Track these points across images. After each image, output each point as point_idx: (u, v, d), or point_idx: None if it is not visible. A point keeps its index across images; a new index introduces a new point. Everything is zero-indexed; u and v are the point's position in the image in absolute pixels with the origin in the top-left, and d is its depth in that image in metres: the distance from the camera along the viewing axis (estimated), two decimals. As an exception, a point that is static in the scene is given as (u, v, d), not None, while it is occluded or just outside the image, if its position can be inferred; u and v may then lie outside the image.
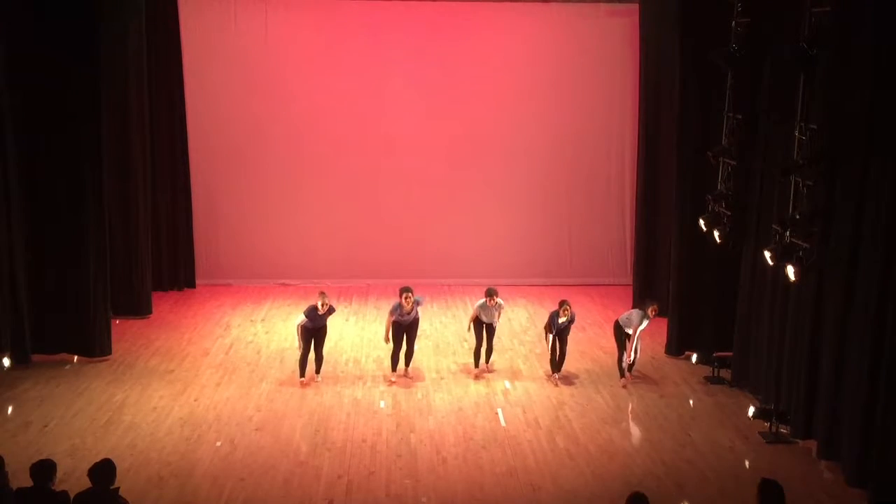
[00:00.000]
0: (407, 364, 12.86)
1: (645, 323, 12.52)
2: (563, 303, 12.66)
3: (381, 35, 17.41)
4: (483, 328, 12.91)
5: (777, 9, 11.36)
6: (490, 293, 12.72)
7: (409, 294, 12.34)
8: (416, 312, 12.62)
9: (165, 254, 17.13)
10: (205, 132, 17.37)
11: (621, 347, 12.78)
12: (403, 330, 12.60)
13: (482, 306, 12.78)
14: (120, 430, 10.86)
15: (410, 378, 12.80)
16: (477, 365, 13.02)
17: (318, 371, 12.67)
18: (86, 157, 12.75)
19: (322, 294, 12.51)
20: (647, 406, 11.84)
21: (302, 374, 12.45)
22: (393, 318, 12.51)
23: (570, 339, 13.65)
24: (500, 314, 13.12)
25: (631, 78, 17.07)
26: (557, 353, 12.74)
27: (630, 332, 12.58)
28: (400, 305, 12.38)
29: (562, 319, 12.51)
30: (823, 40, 9.91)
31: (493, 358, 13.22)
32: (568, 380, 12.79)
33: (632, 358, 12.68)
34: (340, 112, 17.54)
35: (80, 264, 12.90)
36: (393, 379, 12.67)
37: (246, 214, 17.00)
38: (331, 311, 12.53)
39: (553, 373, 12.81)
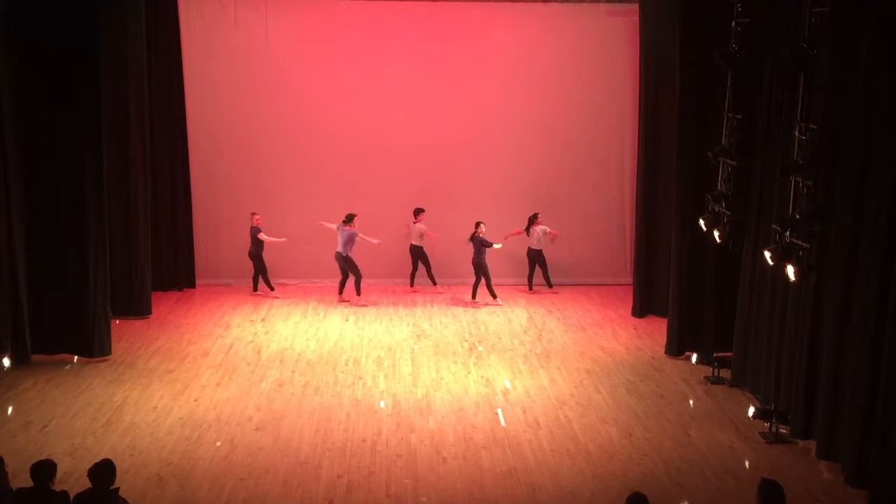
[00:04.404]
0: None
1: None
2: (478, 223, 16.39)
3: (381, 35, 17.42)
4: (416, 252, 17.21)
5: (777, 9, 11.36)
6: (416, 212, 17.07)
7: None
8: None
9: (165, 254, 17.15)
10: (205, 132, 17.39)
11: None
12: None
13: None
14: (120, 430, 10.86)
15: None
16: (412, 284, 17.54)
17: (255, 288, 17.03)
18: (86, 157, 12.74)
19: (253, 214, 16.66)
20: (647, 406, 11.84)
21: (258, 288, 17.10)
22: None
23: (570, 339, 14.17)
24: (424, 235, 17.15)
25: (631, 78, 17.07)
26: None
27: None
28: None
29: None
30: (823, 40, 9.91)
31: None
32: (568, 380, 12.80)
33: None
34: (340, 112, 17.55)
35: (80, 264, 12.89)
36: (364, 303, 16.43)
37: (246, 214, 16.98)
38: (255, 229, 16.57)
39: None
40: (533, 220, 17.14)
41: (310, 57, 17.44)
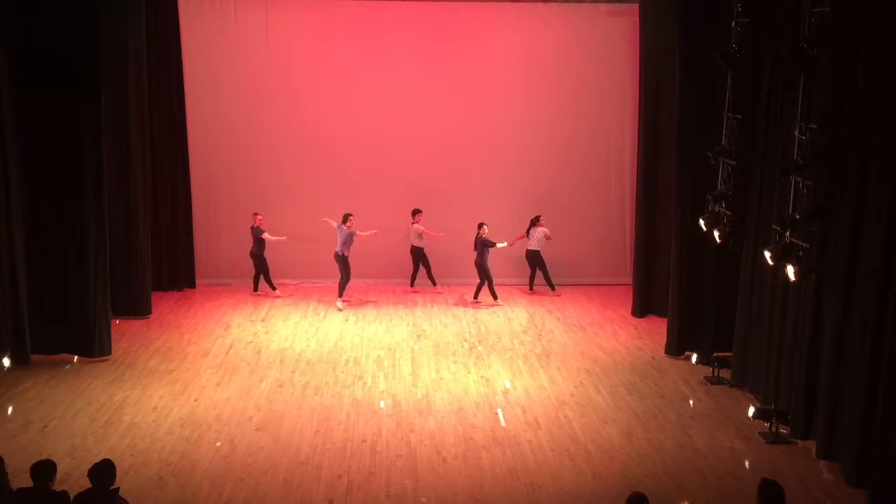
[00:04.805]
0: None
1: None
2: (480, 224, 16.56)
3: (382, 35, 17.42)
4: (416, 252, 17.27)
5: (777, 9, 11.36)
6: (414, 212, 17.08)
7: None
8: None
9: (165, 254, 17.15)
10: (205, 132, 17.39)
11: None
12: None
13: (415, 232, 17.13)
14: (120, 430, 10.86)
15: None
16: (412, 285, 17.58)
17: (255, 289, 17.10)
18: (86, 157, 12.73)
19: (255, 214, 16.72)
20: (647, 406, 11.84)
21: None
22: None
23: (570, 338, 14.39)
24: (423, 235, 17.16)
25: (631, 78, 17.07)
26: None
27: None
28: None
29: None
30: (823, 40, 9.91)
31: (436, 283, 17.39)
32: (568, 380, 12.80)
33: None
34: (340, 112, 17.55)
35: (80, 264, 12.89)
36: (340, 307, 16.25)
37: (246, 215, 16.99)
38: (257, 230, 16.61)
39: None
40: (535, 222, 17.12)
41: (310, 57, 17.45)
